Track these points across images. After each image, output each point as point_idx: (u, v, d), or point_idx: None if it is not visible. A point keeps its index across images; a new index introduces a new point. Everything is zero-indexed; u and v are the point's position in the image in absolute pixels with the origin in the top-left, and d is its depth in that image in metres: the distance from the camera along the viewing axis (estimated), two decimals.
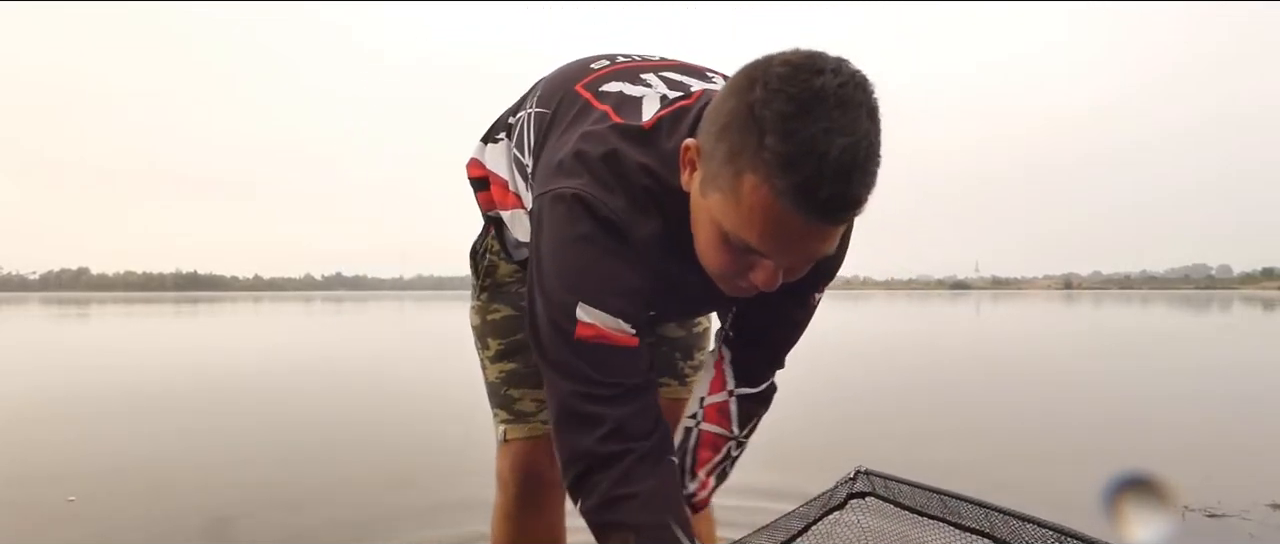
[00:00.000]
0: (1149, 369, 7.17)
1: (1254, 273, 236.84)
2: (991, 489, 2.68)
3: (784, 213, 0.72)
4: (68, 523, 2.34)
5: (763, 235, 0.76)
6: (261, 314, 23.59)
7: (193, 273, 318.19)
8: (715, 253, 0.82)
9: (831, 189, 0.70)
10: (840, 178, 0.70)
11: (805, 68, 0.71)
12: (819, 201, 0.71)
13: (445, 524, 2.29)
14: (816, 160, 0.69)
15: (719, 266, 0.84)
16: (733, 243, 0.79)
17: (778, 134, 0.70)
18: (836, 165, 0.70)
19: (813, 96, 0.70)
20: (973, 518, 1.10)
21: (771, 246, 0.77)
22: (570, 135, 0.95)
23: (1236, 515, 2.35)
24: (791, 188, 0.71)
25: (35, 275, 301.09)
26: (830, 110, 0.69)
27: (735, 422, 1.08)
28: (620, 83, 1.00)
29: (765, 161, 0.71)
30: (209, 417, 4.37)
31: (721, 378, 1.09)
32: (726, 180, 0.76)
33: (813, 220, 0.73)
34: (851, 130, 0.70)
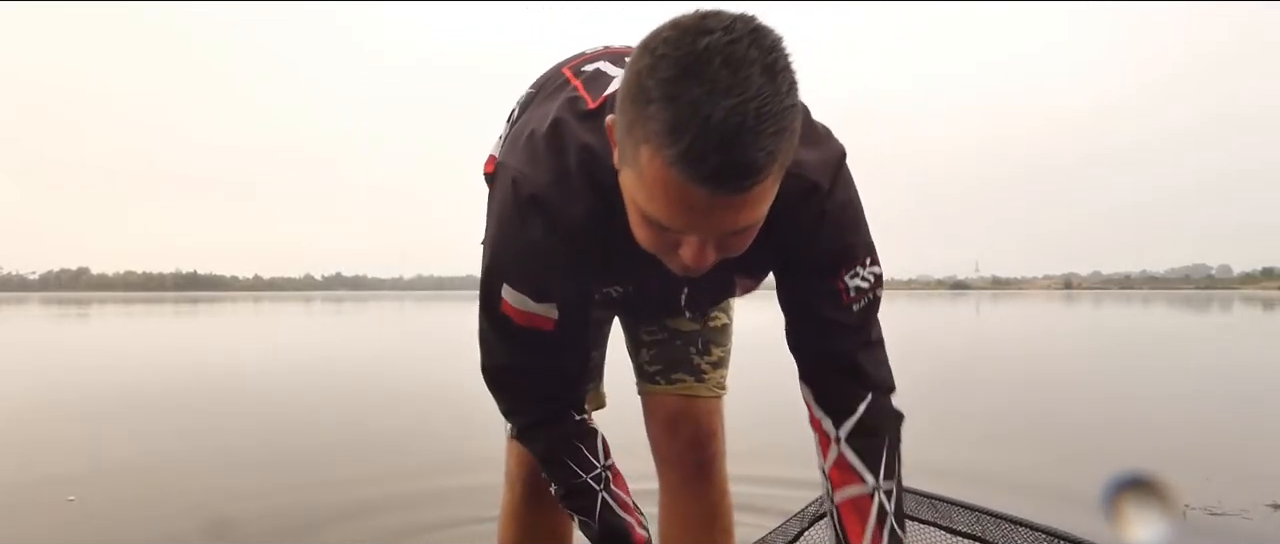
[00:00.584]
0: (1149, 369, 7.16)
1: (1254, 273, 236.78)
2: (989, 491, 2.67)
3: (680, 184, 0.68)
4: (68, 523, 2.33)
5: (668, 210, 0.72)
6: (261, 314, 23.59)
7: (193, 273, 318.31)
8: (641, 231, 0.79)
9: (719, 156, 0.65)
10: (727, 143, 0.65)
11: (693, 29, 0.67)
12: (708, 169, 0.66)
13: (446, 524, 2.29)
14: (700, 125, 0.65)
15: (648, 245, 0.80)
16: (652, 220, 0.75)
17: (660, 100, 0.66)
18: (722, 129, 0.64)
19: (696, 58, 0.65)
20: (965, 522, 1.10)
21: (680, 222, 0.73)
22: (539, 110, 0.97)
23: (1237, 515, 2.35)
24: (678, 156, 0.66)
25: (35, 275, 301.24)
26: (716, 71, 0.65)
27: (863, 470, 0.95)
28: (604, 63, 0.98)
29: (654, 132, 0.67)
30: (209, 417, 4.37)
31: (821, 428, 0.99)
32: (630, 154, 0.72)
33: (709, 190, 0.68)
34: (739, 90, 0.64)
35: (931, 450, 3.37)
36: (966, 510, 1.13)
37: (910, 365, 8.38)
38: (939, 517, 1.14)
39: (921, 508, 1.16)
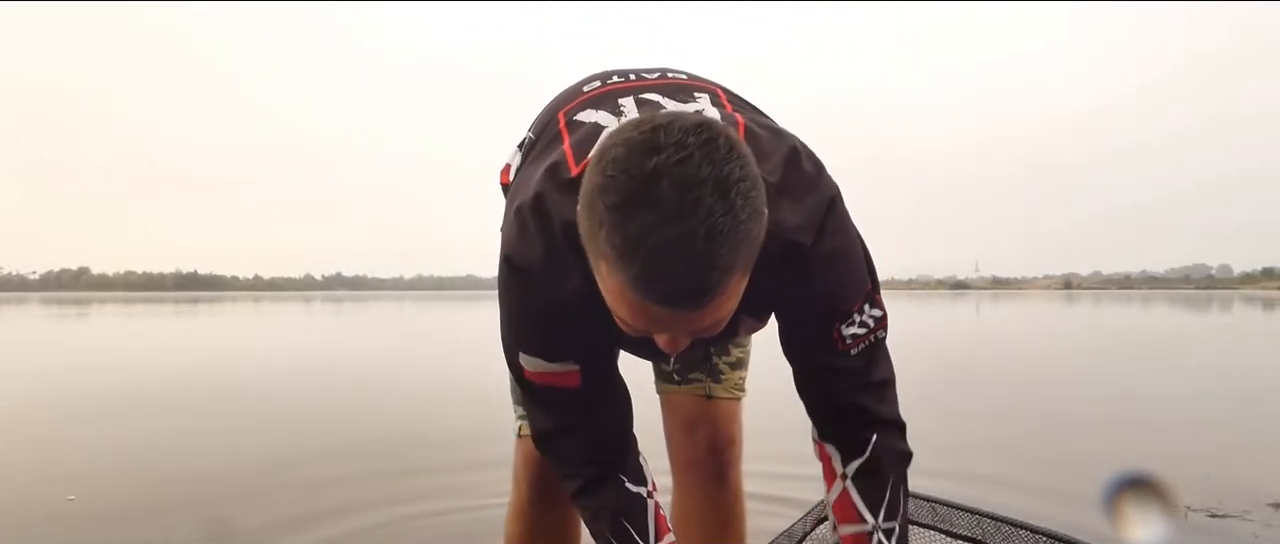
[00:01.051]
0: (1149, 369, 7.16)
1: (1254, 273, 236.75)
2: (988, 491, 2.67)
3: (637, 301, 0.69)
4: (68, 523, 2.33)
5: (631, 319, 0.73)
6: (261, 314, 23.60)
7: (193, 273, 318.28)
8: (617, 320, 0.78)
9: (670, 283, 0.66)
10: (678, 270, 0.65)
11: (643, 146, 0.66)
12: (660, 294, 0.67)
13: (447, 523, 2.29)
14: (646, 255, 0.65)
15: (627, 330, 0.79)
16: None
17: (608, 226, 0.66)
18: (671, 256, 0.65)
19: (644, 182, 0.65)
20: (964, 525, 1.10)
21: (645, 327, 0.74)
22: (530, 171, 0.94)
23: (1237, 515, 2.35)
24: (630, 281, 0.67)
25: (35, 275, 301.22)
26: (664, 193, 0.64)
27: (864, 510, 0.96)
28: (598, 111, 0.96)
29: (606, 253, 0.68)
30: (209, 416, 4.37)
31: (829, 464, 0.99)
32: (593, 259, 0.73)
33: (665, 308, 0.68)
34: (688, 214, 0.64)
35: (931, 451, 3.36)
36: (966, 513, 1.12)
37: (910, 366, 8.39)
38: (939, 519, 1.14)
39: (921, 511, 1.16)
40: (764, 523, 1.69)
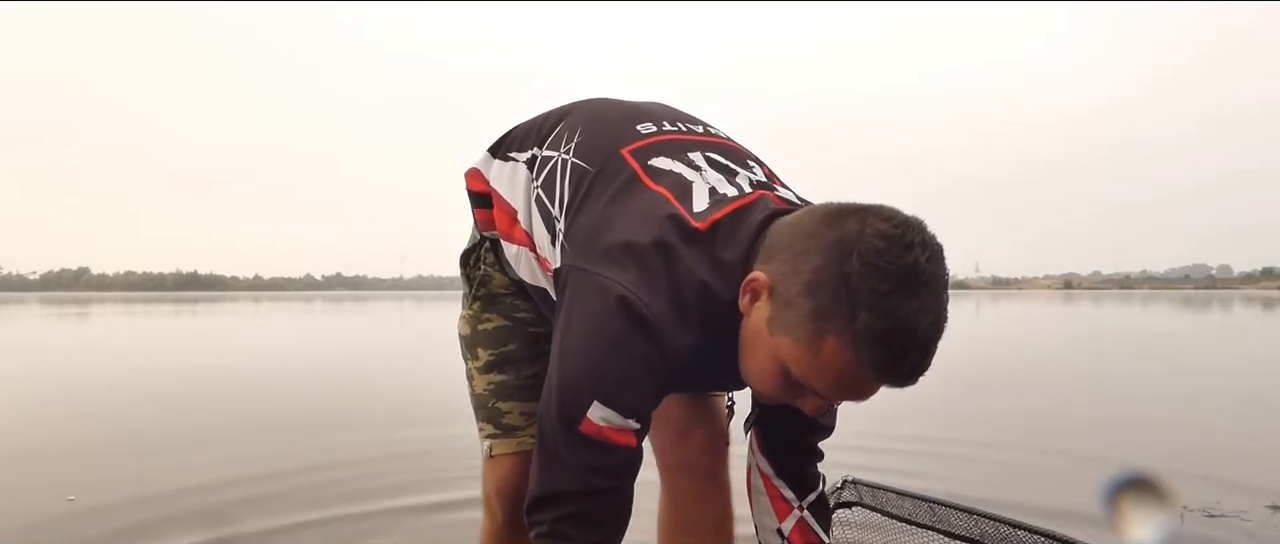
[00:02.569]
0: (1148, 369, 7.16)
1: (1254, 273, 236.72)
2: (988, 492, 2.67)
3: (861, 375, 0.78)
4: (68, 522, 2.34)
5: (832, 387, 0.80)
6: (262, 314, 23.60)
7: (193, 273, 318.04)
8: (769, 381, 0.86)
9: (914, 361, 0.77)
10: (923, 351, 0.77)
11: (898, 242, 0.76)
12: (902, 372, 0.77)
13: (448, 523, 2.29)
14: (907, 337, 0.75)
15: (768, 391, 0.88)
16: (791, 378, 0.83)
17: (874, 311, 0.75)
18: (923, 341, 0.76)
19: (906, 274, 0.75)
20: (962, 525, 1.10)
21: (837, 395, 0.82)
22: (619, 209, 0.92)
23: (1235, 516, 2.35)
24: (878, 360, 0.76)
25: (35, 275, 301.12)
26: (920, 288, 0.75)
27: (821, 533, 1.11)
28: (670, 160, 0.97)
29: (856, 332, 0.76)
30: (209, 416, 4.37)
31: (780, 498, 1.11)
32: (806, 333, 0.79)
33: (890, 382, 0.79)
34: (936, 307, 0.77)
35: (932, 451, 3.37)
36: (964, 513, 1.13)
37: None
38: (937, 520, 1.15)
39: (919, 512, 1.16)
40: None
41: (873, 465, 2.98)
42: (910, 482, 2.79)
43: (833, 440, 1.11)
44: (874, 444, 3.41)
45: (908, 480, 2.80)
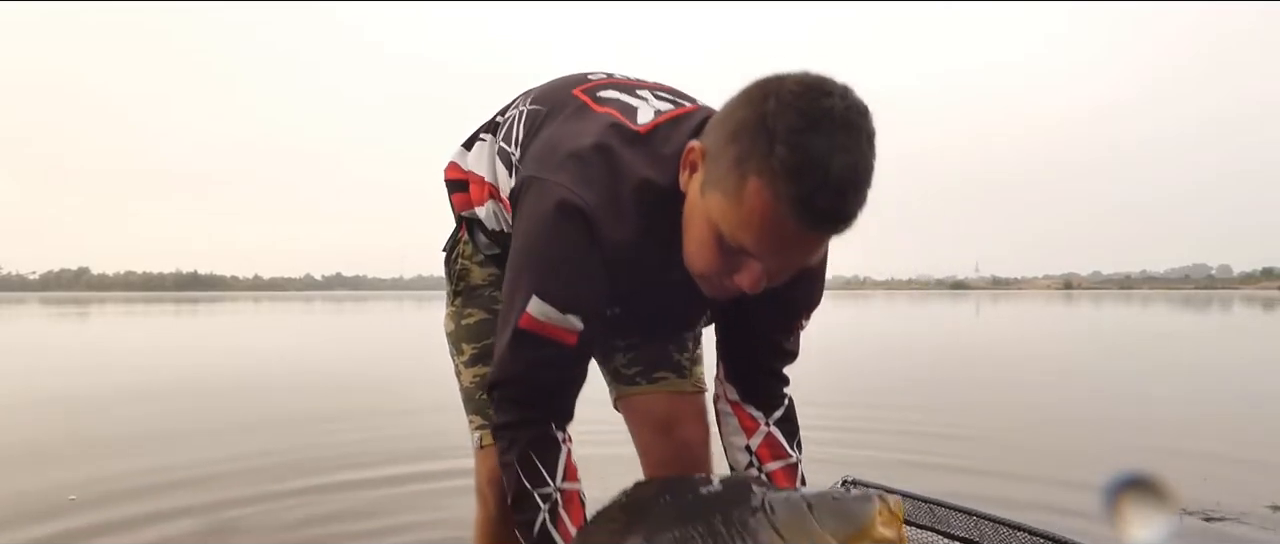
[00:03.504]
0: (1148, 369, 7.16)
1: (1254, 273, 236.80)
2: (987, 490, 2.67)
3: (782, 218, 0.78)
4: (68, 522, 2.33)
5: (758, 238, 0.80)
6: (261, 313, 23.60)
7: (193, 273, 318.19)
8: (705, 252, 0.87)
9: (829, 201, 0.77)
10: (838, 192, 0.77)
11: (816, 88, 0.77)
12: (816, 211, 0.77)
13: (449, 523, 2.29)
14: (820, 172, 0.75)
15: (706, 266, 0.88)
16: (725, 244, 0.84)
17: (788, 145, 0.76)
18: (837, 180, 0.76)
19: (822, 115, 0.76)
20: (961, 526, 1.10)
21: (764, 249, 0.82)
22: (567, 127, 0.99)
23: (1235, 518, 2.35)
24: (793, 195, 0.76)
25: (35, 275, 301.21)
26: (836, 130, 0.76)
27: (789, 447, 1.13)
28: (618, 93, 1.04)
29: (772, 168, 0.76)
30: (209, 416, 4.36)
31: (747, 416, 1.14)
32: (731, 183, 0.80)
33: (806, 227, 0.79)
34: (852, 150, 0.77)
35: (931, 450, 3.36)
36: (963, 514, 1.13)
37: (911, 365, 8.34)
38: (936, 521, 1.14)
39: (918, 512, 1.16)
40: None
41: (872, 464, 2.98)
42: (914, 479, 2.79)
43: (832, 439, 1.12)
44: (870, 446, 3.42)
45: (911, 478, 2.80)
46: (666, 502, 0.92)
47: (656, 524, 0.89)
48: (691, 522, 0.88)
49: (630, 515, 0.91)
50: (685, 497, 0.92)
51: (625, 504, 0.92)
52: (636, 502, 0.92)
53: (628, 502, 0.93)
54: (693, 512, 0.89)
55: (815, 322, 1.14)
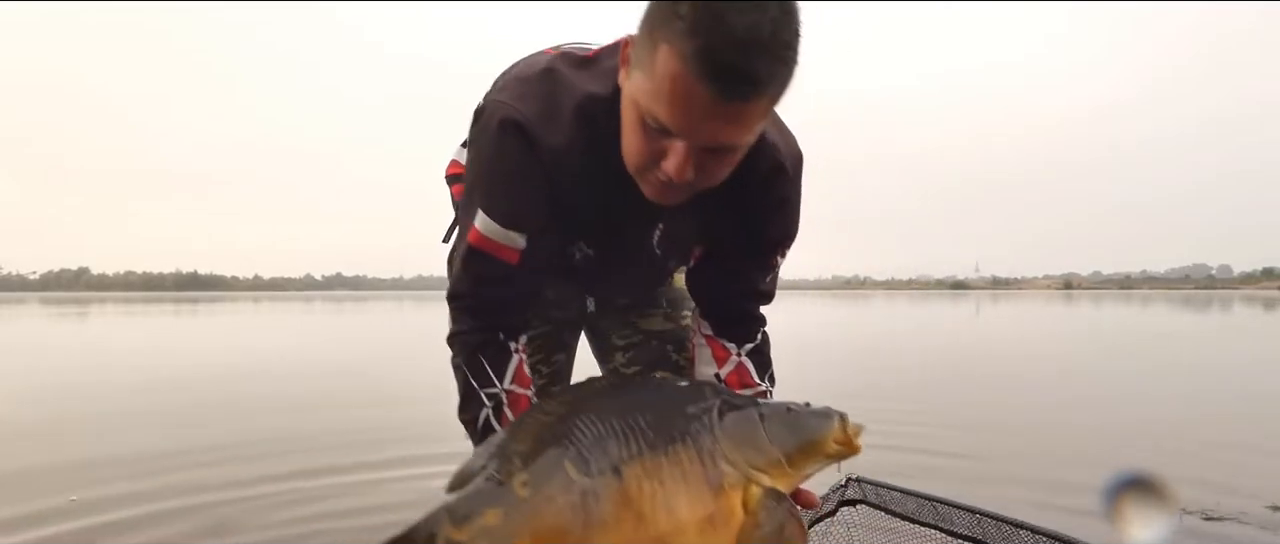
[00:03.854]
0: (1148, 369, 7.16)
1: (1254, 273, 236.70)
2: (987, 490, 2.68)
3: (690, 80, 0.77)
4: (69, 522, 2.34)
5: (671, 107, 0.80)
6: (261, 313, 23.58)
7: (193, 273, 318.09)
8: (633, 139, 0.89)
9: (731, 57, 0.75)
10: (742, 49, 0.74)
11: None
12: (719, 68, 0.75)
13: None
14: (721, 28, 0.74)
15: (636, 155, 0.90)
16: (648, 125, 0.85)
17: (691, 3, 0.75)
18: (740, 36, 0.74)
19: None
20: (965, 524, 1.10)
21: (679, 121, 0.81)
22: (520, 64, 1.05)
23: (1234, 518, 2.35)
24: (695, 51, 0.75)
25: (35, 275, 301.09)
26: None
27: (759, 375, 1.17)
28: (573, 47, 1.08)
29: (676, 29, 0.76)
30: (209, 416, 4.37)
31: (720, 347, 1.17)
32: (646, 55, 0.82)
33: (712, 87, 0.76)
34: (761, 10, 0.75)
35: (933, 450, 3.37)
36: (966, 512, 1.13)
37: (910, 365, 8.32)
38: (940, 519, 1.15)
39: (923, 510, 1.17)
40: None
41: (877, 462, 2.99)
42: (914, 480, 2.79)
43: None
44: (876, 444, 3.41)
45: (916, 476, 2.81)
46: (612, 395, 0.89)
47: (596, 415, 0.86)
48: (632, 415, 0.86)
49: (570, 406, 0.87)
50: (633, 392, 0.90)
51: (569, 396, 0.90)
52: (582, 393, 0.90)
53: (573, 392, 0.91)
54: (636, 406, 0.87)
55: (815, 322, 1.14)
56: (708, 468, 0.86)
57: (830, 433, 0.91)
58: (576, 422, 0.87)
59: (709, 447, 0.87)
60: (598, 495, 0.83)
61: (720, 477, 0.86)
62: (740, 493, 0.86)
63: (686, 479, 0.85)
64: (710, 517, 0.85)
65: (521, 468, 0.84)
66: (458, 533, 0.83)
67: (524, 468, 0.84)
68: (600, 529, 0.83)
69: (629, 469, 0.84)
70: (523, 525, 0.83)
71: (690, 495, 0.84)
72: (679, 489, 0.84)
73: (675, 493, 0.83)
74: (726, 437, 0.87)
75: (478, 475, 0.86)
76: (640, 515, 0.83)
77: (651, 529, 0.83)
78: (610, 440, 0.86)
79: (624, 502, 0.82)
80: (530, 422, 0.89)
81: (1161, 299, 47.12)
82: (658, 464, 0.85)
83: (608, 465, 0.85)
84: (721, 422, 0.88)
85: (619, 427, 0.86)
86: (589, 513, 0.83)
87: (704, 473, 0.86)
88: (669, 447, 0.85)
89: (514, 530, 0.83)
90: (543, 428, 0.87)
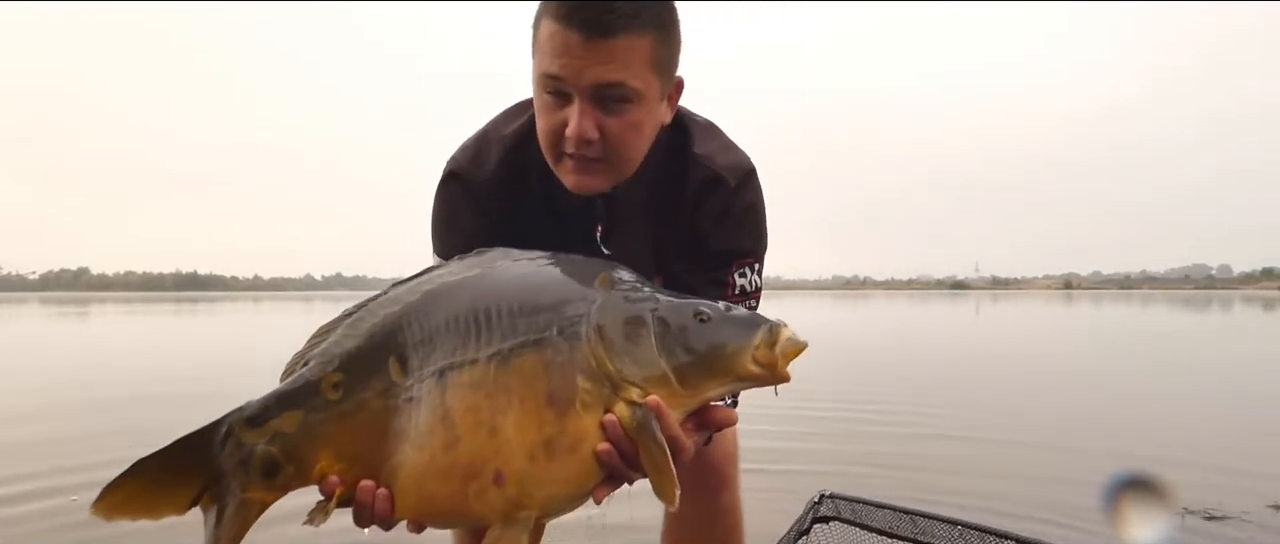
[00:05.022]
0: (1148, 369, 7.15)
1: (1254, 273, 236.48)
2: (986, 490, 2.66)
3: (562, 31, 0.87)
4: (70, 522, 2.34)
5: (553, 58, 0.88)
6: (261, 313, 23.54)
7: (193, 273, 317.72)
8: (542, 122, 0.95)
9: (590, 2, 0.85)
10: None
11: None
12: (580, 11, 0.86)
13: None
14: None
15: (546, 133, 0.95)
16: (547, 99, 0.92)
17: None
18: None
19: None
20: (946, 536, 1.07)
21: (561, 65, 0.88)
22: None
23: (1236, 517, 2.34)
24: (561, 8, 0.87)
25: (35, 275, 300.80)
26: None
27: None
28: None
29: (548, 3, 0.89)
30: (210, 416, 4.35)
31: None
32: (535, 39, 0.92)
33: (581, 32, 0.86)
34: None
35: (935, 450, 3.36)
36: (947, 524, 1.10)
37: (910, 365, 8.26)
38: (919, 532, 1.10)
39: (900, 524, 1.13)
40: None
41: (859, 474, 2.97)
42: (907, 486, 2.78)
43: (813, 458, 1.08)
44: (860, 454, 3.40)
45: (904, 485, 2.79)
46: (484, 276, 0.77)
47: (448, 302, 0.75)
48: (488, 304, 0.73)
49: (427, 290, 0.78)
50: (509, 273, 0.78)
51: (438, 274, 0.80)
52: (452, 271, 0.80)
53: (448, 270, 0.81)
54: (499, 293, 0.75)
55: (815, 321, 1.11)
56: (554, 381, 0.71)
57: (747, 348, 0.72)
58: (423, 309, 0.75)
59: (565, 354, 0.72)
60: (419, 403, 0.71)
61: (571, 392, 0.71)
62: (598, 413, 0.71)
63: (522, 393, 0.70)
64: (546, 442, 0.70)
65: (336, 366, 0.74)
66: (248, 435, 0.76)
67: (339, 366, 0.73)
68: (409, 445, 0.71)
69: (455, 376, 0.71)
70: (321, 431, 0.73)
71: (521, 414, 0.70)
72: (508, 404, 0.70)
73: (502, 409, 0.70)
74: (598, 342, 0.72)
75: (299, 369, 0.76)
76: (456, 435, 0.70)
77: (467, 451, 0.70)
78: (446, 336, 0.73)
79: (441, 416, 0.70)
80: (376, 305, 0.79)
81: (1161, 299, 47.06)
82: (488, 371, 0.71)
83: (433, 368, 0.72)
84: (595, 322, 0.73)
85: (465, 319, 0.73)
86: (404, 425, 0.72)
87: (547, 387, 0.71)
88: (511, 350, 0.71)
89: (313, 436, 0.73)
90: (386, 317, 0.76)
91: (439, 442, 0.70)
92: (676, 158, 1.05)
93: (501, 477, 0.70)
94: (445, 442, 0.70)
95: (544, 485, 0.71)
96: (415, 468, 0.72)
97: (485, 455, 0.70)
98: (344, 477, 0.75)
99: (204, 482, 0.84)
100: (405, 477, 0.73)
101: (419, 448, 0.71)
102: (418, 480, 0.72)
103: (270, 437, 0.75)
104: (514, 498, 0.70)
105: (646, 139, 0.97)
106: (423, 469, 0.72)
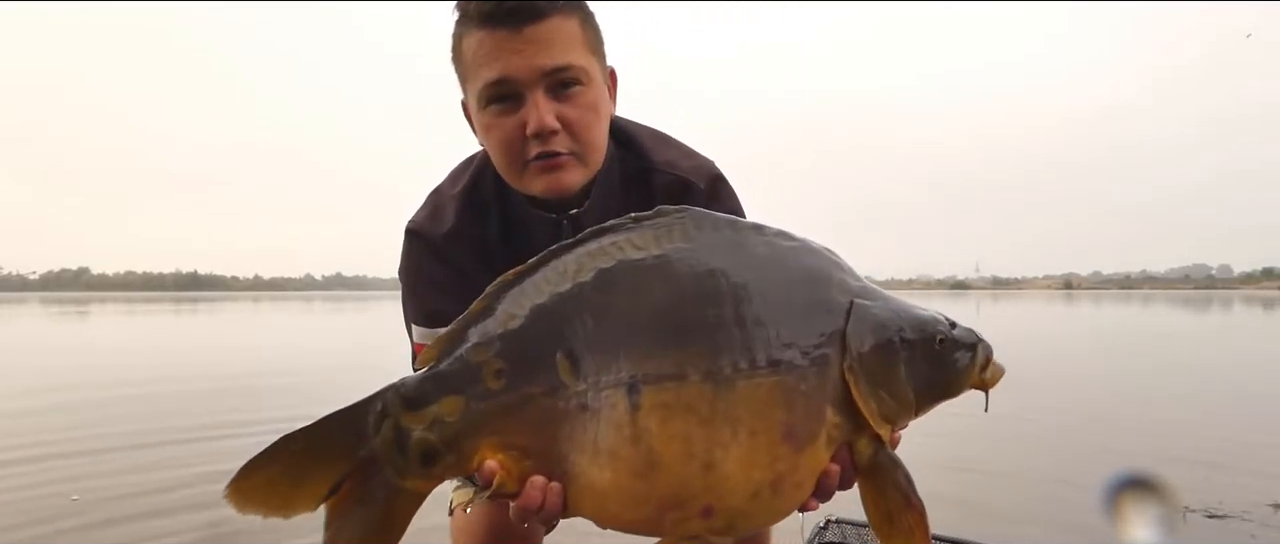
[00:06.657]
0: (1149, 369, 7.15)
1: (1254, 273, 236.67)
2: (987, 488, 2.67)
3: (487, 37, 0.87)
4: (71, 522, 2.34)
5: (489, 64, 0.87)
6: (262, 313, 23.55)
7: (193, 273, 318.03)
8: (495, 139, 0.92)
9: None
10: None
11: None
12: (494, 9, 0.86)
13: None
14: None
15: (504, 148, 0.92)
16: (495, 113, 0.90)
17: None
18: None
19: None
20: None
21: (500, 66, 0.87)
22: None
23: (1237, 516, 2.34)
24: (475, 14, 0.87)
25: (35, 275, 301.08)
26: None
27: None
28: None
29: (460, 21, 0.90)
30: (211, 416, 4.36)
31: None
32: (462, 68, 0.92)
33: (504, 27, 0.86)
34: None
35: (936, 454, 3.36)
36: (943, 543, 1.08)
37: None
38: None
39: None
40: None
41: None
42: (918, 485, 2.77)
43: None
44: None
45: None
46: (678, 255, 0.63)
47: (631, 290, 0.62)
48: (696, 303, 0.61)
49: (599, 268, 0.64)
50: (716, 256, 0.63)
51: (610, 246, 0.65)
52: (633, 242, 0.65)
53: (616, 237, 0.66)
54: (707, 286, 0.62)
55: None
56: (797, 414, 0.60)
57: (972, 372, 0.69)
58: (599, 295, 0.62)
59: (812, 382, 0.60)
60: (597, 415, 0.60)
61: (816, 428, 0.60)
62: (833, 450, 0.62)
63: (754, 426, 0.59)
64: (775, 480, 0.60)
65: (497, 350, 0.64)
66: (407, 418, 0.66)
67: (500, 351, 0.64)
68: (586, 459, 0.61)
69: (653, 393, 0.59)
70: (485, 422, 0.64)
71: (750, 450, 0.59)
72: (733, 438, 0.59)
73: (724, 443, 0.59)
74: (859, 372, 0.61)
75: (457, 349, 0.66)
76: (655, 462, 0.59)
77: (669, 483, 0.59)
78: (633, 337, 0.60)
79: (631, 437, 0.59)
80: (542, 278, 0.65)
81: (1161, 299, 47.07)
82: (702, 394, 0.58)
83: (617, 377, 0.60)
84: (854, 349, 0.62)
85: (659, 319, 0.61)
86: (577, 433, 0.61)
87: (786, 420, 0.59)
88: (736, 371, 0.59)
89: (476, 426, 0.64)
90: (553, 298, 0.63)
91: (629, 467, 0.60)
92: (635, 170, 1.02)
93: (712, 511, 0.60)
94: (638, 469, 0.59)
95: (756, 519, 0.62)
96: (594, 485, 0.61)
97: (694, 491, 0.59)
98: (506, 467, 0.65)
99: (347, 468, 0.71)
100: (581, 490, 0.62)
101: (601, 467, 0.60)
102: (598, 499, 0.62)
103: (429, 423, 0.65)
104: (720, 528, 0.61)
105: (604, 124, 0.95)
106: (605, 489, 0.61)
